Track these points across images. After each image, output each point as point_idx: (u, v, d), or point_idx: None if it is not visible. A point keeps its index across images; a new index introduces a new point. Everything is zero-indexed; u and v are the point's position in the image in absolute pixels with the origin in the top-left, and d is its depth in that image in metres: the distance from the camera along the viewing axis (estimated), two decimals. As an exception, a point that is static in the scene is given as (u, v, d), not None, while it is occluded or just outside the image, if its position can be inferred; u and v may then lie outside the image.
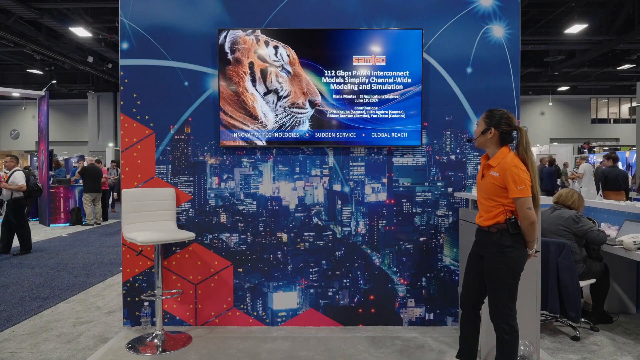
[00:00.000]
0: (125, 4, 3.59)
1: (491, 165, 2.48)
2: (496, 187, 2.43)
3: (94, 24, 11.95)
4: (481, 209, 2.56)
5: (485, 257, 2.52)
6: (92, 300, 4.52)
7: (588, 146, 18.84)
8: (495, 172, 2.43)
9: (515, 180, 2.34)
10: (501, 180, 2.39)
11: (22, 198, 6.81)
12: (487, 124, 2.50)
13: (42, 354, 3.22)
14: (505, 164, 2.39)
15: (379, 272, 3.71)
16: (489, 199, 2.48)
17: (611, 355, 3.21)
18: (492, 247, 2.46)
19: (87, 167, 10.11)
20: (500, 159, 2.44)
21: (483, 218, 2.52)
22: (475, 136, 2.57)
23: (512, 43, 3.62)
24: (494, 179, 2.43)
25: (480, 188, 2.56)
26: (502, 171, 2.39)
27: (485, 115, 2.53)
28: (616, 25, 12.48)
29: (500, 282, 2.44)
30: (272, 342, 3.38)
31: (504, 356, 2.47)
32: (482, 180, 2.54)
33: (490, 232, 2.47)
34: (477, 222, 2.59)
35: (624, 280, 4.11)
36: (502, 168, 2.39)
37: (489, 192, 2.48)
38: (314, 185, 3.70)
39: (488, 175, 2.48)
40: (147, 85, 3.63)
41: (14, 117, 22.79)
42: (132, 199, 3.45)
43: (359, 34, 3.56)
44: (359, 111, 3.59)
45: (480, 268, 2.57)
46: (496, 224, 2.45)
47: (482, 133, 2.51)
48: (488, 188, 2.47)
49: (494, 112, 2.51)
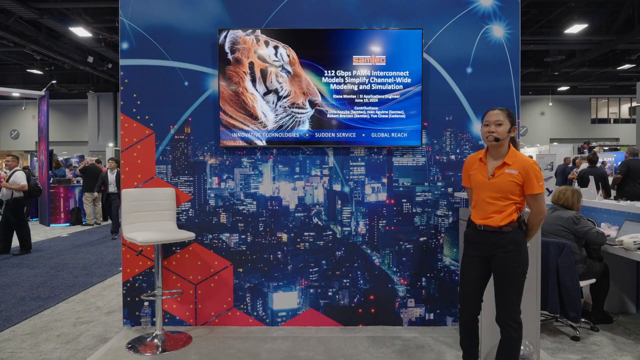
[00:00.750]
0: (125, 4, 3.59)
1: (507, 163, 2.45)
2: (515, 184, 2.42)
3: (94, 24, 11.95)
4: (488, 209, 2.49)
5: (496, 257, 2.47)
6: (92, 300, 4.52)
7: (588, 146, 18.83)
8: (514, 170, 2.42)
9: (538, 177, 2.40)
10: (522, 178, 2.41)
11: (22, 198, 6.82)
12: (510, 122, 2.48)
13: (42, 354, 3.22)
14: (525, 161, 2.42)
15: (379, 272, 3.71)
16: (502, 198, 2.45)
17: (611, 355, 3.21)
18: (509, 245, 2.43)
19: (88, 166, 10.12)
20: (514, 157, 2.45)
21: (496, 218, 2.46)
22: (502, 135, 2.45)
23: (512, 43, 3.62)
24: (513, 177, 2.42)
25: (489, 188, 2.48)
26: (524, 169, 2.40)
27: (507, 113, 2.48)
28: (616, 25, 12.48)
29: (515, 281, 2.44)
30: (272, 342, 3.38)
31: (511, 354, 2.46)
32: (491, 180, 2.48)
33: (503, 232, 2.45)
34: (483, 223, 2.50)
35: (624, 280, 4.11)
36: (523, 166, 2.41)
37: (503, 191, 2.44)
38: (314, 185, 3.70)
39: (503, 173, 2.45)
40: (147, 85, 3.63)
41: (14, 117, 22.79)
42: (132, 199, 3.45)
43: (359, 34, 3.56)
44: (359, 111, 3.59)
45: (485, 271, 2.54)
46: (511, 223, 2.44)
47: (508, 132, 2.47)
48: (503, 186, 2.44)
49: (509, 110, 2.51)
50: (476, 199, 2.57)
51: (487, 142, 2.51)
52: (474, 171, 2.59)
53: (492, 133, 2.45)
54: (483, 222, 2.51)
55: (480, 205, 2.54)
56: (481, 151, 2.61)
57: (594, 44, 13.81)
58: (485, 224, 2.50)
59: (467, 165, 2.68)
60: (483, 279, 2.56)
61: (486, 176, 2.51)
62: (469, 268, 2.58)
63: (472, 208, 2.61)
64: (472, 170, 2.61)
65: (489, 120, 2.48)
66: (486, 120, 2.51)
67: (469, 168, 2.65)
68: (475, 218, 2.56)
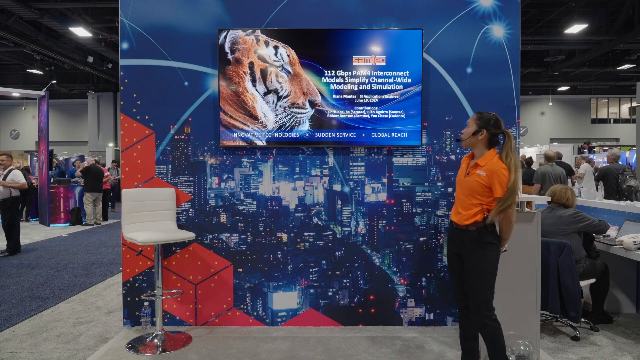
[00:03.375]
0: (125, 4, 3.59)
1: (479, 164, 2.54)
2: (481, 185, 2.50)
3: (94, 24, 11.94)
4: (459, 205, 2.62)
5: (464, 255, 2.58)
6: (92, 300, 4.52)
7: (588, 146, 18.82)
8: (482, 172, 2.50)
9: (501, 182, 2.44)
10: (488, 180, 2.47)
11: (19, 197, 6.81)
12: (478, 125, 2.57)
13: (42, 354, 3.22)
14: (494, 165, 2.48)
15: (379, 272, 3.70)
16: (470, 196, 2.55)
17: (611, 355, 3.21)
18: (473, 244, 2.53)
19: (89, 166, 10.13)
20: (488, 160, 2.52)
21: (462, 216, 2.58)
22: (465, 137, 2.61)
23: (512, 43, 3.62)
24: (480, 178, 2.50)
25: (463, 185, 2.61)
26: (490, 172, 2.47)
27: (476, 117, 2.61)
28: (616, 25, 12.47)
29: (482, 279, 2.50)
30: (272, 342, 3.38)
31: (496, 350, 2.50)
32: (465, 178, 2.60)
33: (468, 230, 2.54)
34: (454, 220, 2.65)
35: (624, 280, 4.11)
36: (490, 169, 2.47)
37: (472, 190, 2.54)
38: (314, 185, 3.70)
39: (474, 173, 2.54)
40: (147, 85, 3.63)
41: (14, 117, 22.78)
42: (132, 199, 3.45)
43: (359, 34, 3.56)
44: (359, 111, 3.59)
45: (461, 266, 2.63)
46: (475, 223, 2.53)
47: (473, 134, 2.57)
48: (472, 186, 2.54)
49: (484, 115, 2.60)
50: (456, 195, 2.70)
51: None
52: (461, 167, 2.72)
53: (461, 134, 2.66)
54: (454, 219, 2.66)
55: (456, 201, 2.67)
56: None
57: (594, 44, 13.80)
58: (455, 221, 2.65)
59: (462, 162, 2.79)
60: (462, 273, 2.65)
61: (463, 174, 2.64)
62: (449, 262, 2.77)
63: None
64: (461, 166, 2.74)
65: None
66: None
67: (462, 164, 2.77)
68: (451, 214, 2.70)
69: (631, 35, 12.07)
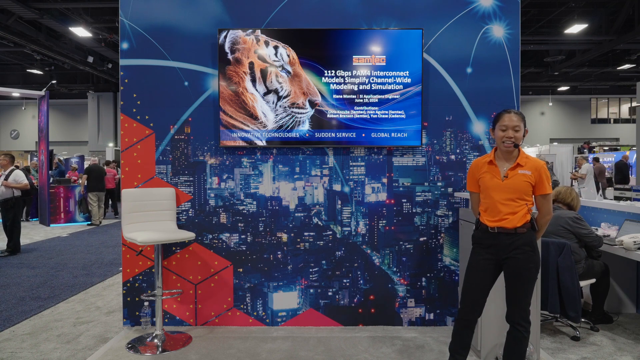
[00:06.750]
0: (125, 4, 3.59)
1: (520, 164, 2.47)
2: (529, 185, 2.45)
3: (94, 24, 11.95)
4: (503, 210, 2.46)
5: (512, 258, 2.45)
6: (92, 300, 4.52)
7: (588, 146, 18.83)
8: (527, 171, 2.45)
9: (548, 177, 2.46)
10: (534, 178, 2.45)
11: (20, 197, 6.82)
12: (524, 126, 2.50)
13: (42, 354, 3.22)
14: (535, 162, 2.48)
15: (379, 272, 3.71)
16: (516, 199, 2.45)
17: (611, 355, 3.21)
18: (525, 247, 2.44)
19: (92, 166, 10.14)
20: (526, 159, 2.49)
21: (512, 220, 2.44)
22: (520, 141, 2.48)
23: (512, 43, 3.62)
24: (527, 177, 2.44)
25: (503, 189, 2.46)
26: (536, 169, 2.45)
27: (521, 117, 2.49)
28: (616, 25, 12.48)
29: (530, 281, 2.46)
30: (272, 342, 3.38)
31: (520, 352, 2.47)
32: (505, 182, 2.47)
33: (518, 233, 2.45)
34: (497, 225, 2.47)
35: (624, 280, 4.11)
36: (534, 167, 2.46)
37: (518, 192, 2.44)
38: (314, 185, 3.70)
39: (516, 175, 2.46)
40: (147, 85, 3.63)
41: (14, 117, 22.79)
42: (132, 199, 3.45)
43: (359, 34, 3.56)
44: (359, 111, 3.59)
45: (495, 275, 2.54)
46: (525, 224, 2.45)
47: (523, 136, 2.50)
48: (518, 187, 2.44)
49: (523, 115, 2.54)
50: (488, 202, 2.53)
51: (503, 146, 2.48)
52: (483, 174, 2.56)
53: (510, 138, 2.45)
54: (497, 224, 2.47)
55: (493, 207, 2.50)
56: (488, 154, 2.60)
57: (594, 44, 13.80)
58: (500, 226, 2.47)
59: (474, 169, 2.64)
60: (491, 283, 2.55)
61: (499, 178, 2.50)
62: (478, 272, 2.54)
63: (483, 211, 2.57)
64: (480, 173, 2.58)
65: (507, 125, 2.46)
66: (503, 124, 2.48)
67: (476, 172, 2.62)
68: (488, 221, 2.52)
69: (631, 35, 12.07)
